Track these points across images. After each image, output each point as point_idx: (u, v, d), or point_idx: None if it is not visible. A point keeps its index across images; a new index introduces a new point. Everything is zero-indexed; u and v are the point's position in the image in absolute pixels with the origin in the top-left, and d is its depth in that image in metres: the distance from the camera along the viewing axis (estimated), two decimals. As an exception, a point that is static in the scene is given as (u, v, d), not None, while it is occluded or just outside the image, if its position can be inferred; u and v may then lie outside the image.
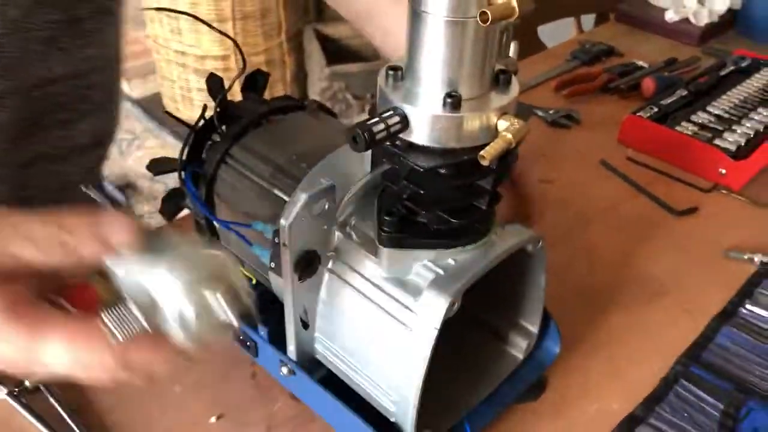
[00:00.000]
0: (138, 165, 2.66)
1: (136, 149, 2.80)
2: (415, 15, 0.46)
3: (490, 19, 0.42)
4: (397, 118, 0.47)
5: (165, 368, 0.43)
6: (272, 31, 2.84)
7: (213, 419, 0.65)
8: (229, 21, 2.69)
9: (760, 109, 1.09)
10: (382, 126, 0.47)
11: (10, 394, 0.65)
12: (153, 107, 3.11)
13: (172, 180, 0.69)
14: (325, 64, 2.69)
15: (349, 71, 2.70)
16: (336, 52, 3.00)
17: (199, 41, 2.76)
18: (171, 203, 0.72)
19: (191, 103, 2.93)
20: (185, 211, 0.74)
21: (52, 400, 0.65)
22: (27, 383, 0.66)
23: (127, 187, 2.52)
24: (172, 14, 2.72)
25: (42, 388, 0.66)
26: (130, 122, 3.01)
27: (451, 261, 0.54)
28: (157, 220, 2.52)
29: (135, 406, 0.66)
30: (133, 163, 2.68)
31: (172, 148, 2.77)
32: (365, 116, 0.48)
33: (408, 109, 0.48)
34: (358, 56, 3.10)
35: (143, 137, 2.88)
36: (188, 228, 0.79)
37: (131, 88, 3.22)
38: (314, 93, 2.89)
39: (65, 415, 0.64)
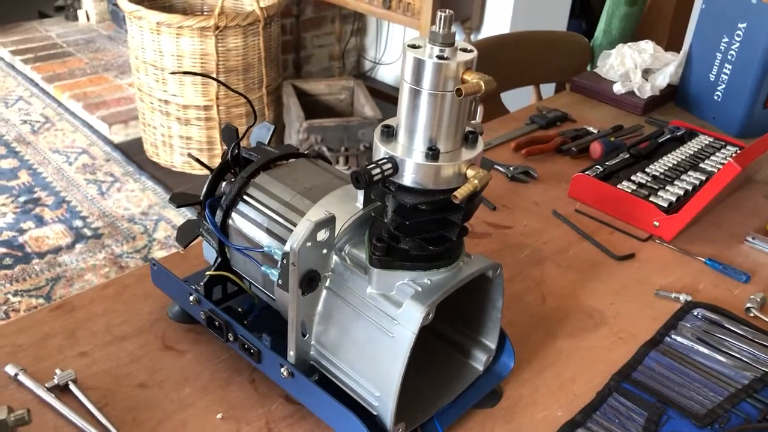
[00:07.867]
0: (117, 207, 2.76)
1: (116, 191, 2.90)
2: (407, 89, 0.61)
3: (463, 94, 0.56)
4: (389, 165, 0.61)
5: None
6: (253, 85, 3.00)
7: (219, 415, 0.76)
8: (212, 75, 2.84)
9: (690, 172, 1.26)
10: (378, 170, 0.61)
11: (44, 391, 0.76)
12: (133, 152, 3.23)
13: (150, 223, 0.81)
14: (304, 117, 2.85)
15: (325, 125, 2.86)
16: (311, 106, 3.17)
17: (183, 91, 2.90)
18: (187, 233, 0.85)
19: (172, 149, 3.05)
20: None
21: (81, 396, 0.76)
22: (58, 381, 0.76)
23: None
24: (159, 65, 2.86)
25: (71, 386, 0.77)
26: (111, 166, 3.11)
27: (427, 281, 0.67)
28: (134, 261, 2.61)
29: (151, 404, 0.77)
30: (113, 205, 2.78)
31: (152, 191, 2.88)
32: (342, 167, 0.62)
33: (398, 158, 0.62)
34: (331, 111, 3.27)
35: (123, 180, 2.98)
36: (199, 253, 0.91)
37: (112, 132, 3.33)
38: (292, 144, 3.04)
39: (94, 410, 0.74)
